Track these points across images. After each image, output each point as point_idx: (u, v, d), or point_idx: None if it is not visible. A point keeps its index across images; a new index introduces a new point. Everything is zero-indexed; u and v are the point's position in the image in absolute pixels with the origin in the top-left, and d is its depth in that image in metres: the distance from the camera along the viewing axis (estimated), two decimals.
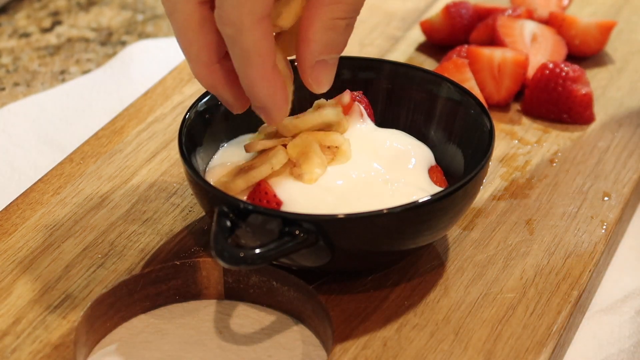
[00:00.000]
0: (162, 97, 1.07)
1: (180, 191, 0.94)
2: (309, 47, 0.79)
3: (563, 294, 0.84)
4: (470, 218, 0.91)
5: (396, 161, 0.87)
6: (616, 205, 0.94)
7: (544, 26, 1.13)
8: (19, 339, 0.80)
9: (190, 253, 0.87)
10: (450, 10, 1.14)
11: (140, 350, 0.83)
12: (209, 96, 0.90)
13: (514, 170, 0.98)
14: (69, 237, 0.89)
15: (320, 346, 0.84)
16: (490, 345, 0.80)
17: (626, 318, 0.88)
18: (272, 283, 0.86)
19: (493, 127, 0.86)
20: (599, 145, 1.01)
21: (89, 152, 0.99)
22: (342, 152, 0.86)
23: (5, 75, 1.23)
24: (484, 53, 1.06)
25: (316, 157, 0.84)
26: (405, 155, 0.87)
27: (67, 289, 0.84)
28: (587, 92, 1.04)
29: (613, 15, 1.21)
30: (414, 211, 0.79)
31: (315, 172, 0.84)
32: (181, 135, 0.86)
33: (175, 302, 0.87)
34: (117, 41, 1.30)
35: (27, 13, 1.36)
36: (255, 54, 0.76)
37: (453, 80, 0.92)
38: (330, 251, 0.79)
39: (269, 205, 0.82)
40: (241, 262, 0.76)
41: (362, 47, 1.15)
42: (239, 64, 0.77)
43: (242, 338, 0.84)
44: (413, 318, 0.82)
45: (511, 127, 1.04)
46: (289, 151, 0.85)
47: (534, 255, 0.88)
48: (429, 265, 0.87)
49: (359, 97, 0.91)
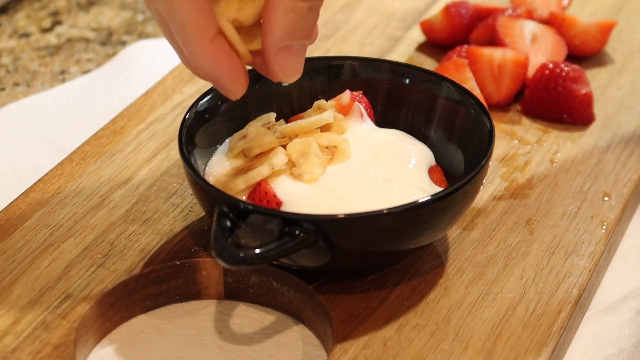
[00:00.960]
0: (162, 97, 1.07)
1: (180, 191, 0.94)
2: (271, 33, 0.77)
3: (563, 294, 0.84)
4: (470, 218, 0.91)
5: (396, 161, 0.87)
6: (616, 205, 0.94)
7: (544, 26, 1.13)
8: (19, 339, 0.80)
9: (190, 253, 0.87)
10: (450, 10, 1.14)
11: (140, 350, 0.83)
12: (209, 96, 0.90)
13: (514, 170, 0.98)
14: (69, 237, 0.89)
15: (320, 346, 0.83)
16: (490, 345, 0.80)
17: (626, 318, 0.88)
18: (272, 283, 0.86)
19: (493, 127, 0.86)
20: (599, 145, 1.01)
21: (89, 152, 0.99)
22: (340, 151, 0.86)
23: (5, 75, 1.23)
24: (484, 53, 1.06)
25: (316, 157, 0.84)
26: (405, 155, 0.87)
27: (67, 289, 0.84)
28: (587, 92, 1.04)
29: (613, 15, 1.21)
30: (414, 211, 0.79)
31: (315, 172, 0.84)
32: (181, 135, 0.86)
33: (175, 302, 0.87)
34: (117, 41, 1.30)
35: (27, 13, 1.35)
36: (191, 28, 0.75)
37: (453, 80, 0.92)
38: (330, 251, 0.79)
39: (269, 205, 0.82)
40: (241, 262, 0.76)
41: (362, 47, 1.15)
42: (179, 40, 0.76)
43: (242, 338, 0.84)
44: (413, 318, 0.82)
45: (511, 127, 1.04)
46: (289, 151, 0.85)
47: (534, 255, 0.88)
48: (429, 265, 0.87)
49: (359, 97, 0.91)
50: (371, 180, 0.85)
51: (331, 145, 0.86)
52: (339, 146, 0.86)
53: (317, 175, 0.84)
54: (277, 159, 0.84)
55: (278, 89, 0.91)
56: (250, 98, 0.92)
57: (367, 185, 0.84)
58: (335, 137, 0.86)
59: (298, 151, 0.85)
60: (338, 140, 0.86)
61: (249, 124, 0.88)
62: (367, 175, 0.85)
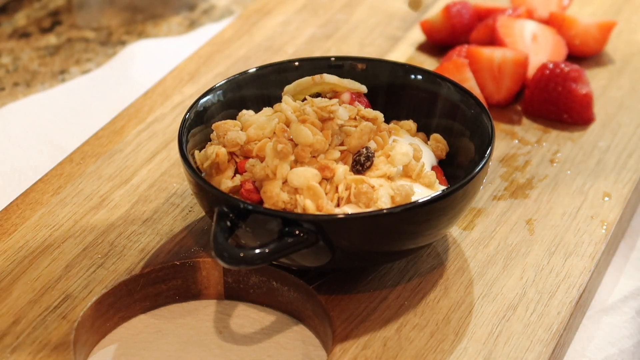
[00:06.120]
0: (162, 97, 1.07)
1: (180, 191, 0.94)
2: None
3: (563, 294, 0.84)
4: (470, 218, 0.91)
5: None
6: (616, 205, 0.94)
7: (544, 26, 1.13)
8: (19, 339, 0.80)
9: (190, 253, 0.87)
10: (450, 10, 1.14)
11: (140, 350, 0.83)
12: (209, 96, 0.90)
13: (514, 170, 0.98)
14: (69, 237, 0.89)
15: (320, 346, 0.84)
16: (490, 345, 0.80)
17: (626, 318, 0.88)
18: (272, 283, 0.86)
19: (493, 127, 0.86)
20: (599, 145, 1.01)
21: (89, 152, 0.99)
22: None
23: (5, 75, 1.23)
24: (484, 53, 1.06)
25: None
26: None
27: (67, 289, 0.84)
28: (587, 92, 1.04)
29: (613, 15, 1.21)
30: (414, 211, 0.79)
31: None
32: (181, 135, 0.86)
33: (175, 302, 0.87)
34: (117, 41, 1.30)
35: (27, 13, 1.35)
36: None
37: (453, 80, 0.92)
38: (330, 251, 0.79)
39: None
40: (241, 262, 0.76)
41: (362, 47, 1.15)
42: None
43: (242, 338, 0.84)
44: (413, 318, 0.82)
45: (511, 127, 1.04)
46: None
47: (534, 255, 0.88)
48: (429, 265, 0.87)
49: (359, 97, 0.91)
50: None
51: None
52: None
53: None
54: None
55: (278, 89, 0.91)
56: (249, 97, 0.92)
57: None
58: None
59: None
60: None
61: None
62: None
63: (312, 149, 0.82)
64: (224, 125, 0.86)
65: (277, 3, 1.23)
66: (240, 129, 0.86)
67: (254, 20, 1.21)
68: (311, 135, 0.82)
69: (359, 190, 0.81)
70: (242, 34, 1.18)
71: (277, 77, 0.93)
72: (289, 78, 0.91)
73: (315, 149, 0.82)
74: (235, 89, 0.91)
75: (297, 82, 0.89)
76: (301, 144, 0.82)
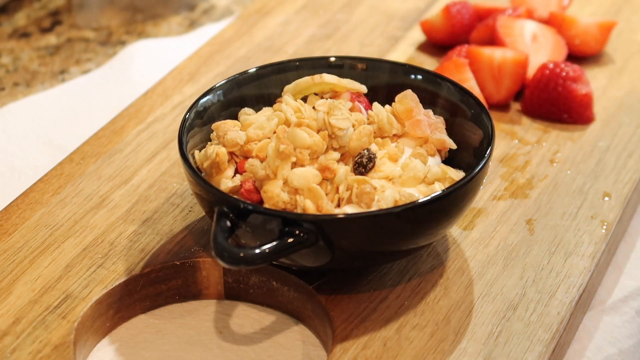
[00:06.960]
0: (162, 97, 1.07)
1: (180, 191, 0.94)
2: None
3: (563, 293, 0.84)
4: (470, 218, 0.91)
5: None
6: (616, 205, 0.94)
7: (544, 26, 1.13)
8: (19, 339, 0.80)
9: (190, 253, 0.87)
10: (450, 10, 1.14)
11: (140, 350, 0.83)
12: (209, 96, 0.90)
13: (514, 170, 0.98)
14: (69, 237, 0.89)
15: (320, 346, 0.84)
16: (490, 345, 0.80)
17: (626, 318, 0.88)
18: (272, 283, 0.86)
19: (493, 127, 0.86)
20: (599, 145, 1.01)
21: (89, 152, 0.99)
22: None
23: (5, 75, 1.23)
24: (484, 53, 1.06)
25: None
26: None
27: (67, 289, 0.84)
28: (587, 92, 1.04)
29: (613, 15, 1.21)
30: (414, 211, 0.79)
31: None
32: (181, 135, 0.86)
33: (175, 302, 0.87)
34: (117, 41, 1.30)
35: (27, 13, 1.35)
36: None
37: (453, 80, 0.92)
38: (330, 251, 0.79)
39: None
40: (241, 262, 0.76)
41: (362, 47, 1.15)
42: None
43: (242, 338, 0.84)
44: (413, 318, 0.82)
45: (511, 127, 1.04)
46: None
47: (534, 255, 0.88)
48: (429, 265, 0.87)
49: (359, 97, 0.91)
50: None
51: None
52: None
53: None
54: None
55: (278, 89, 0.91)
56: (249, 97, 0.92)
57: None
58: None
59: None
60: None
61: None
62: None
63: (310, 150, 0.82)
64: (224, 125, 0.86)
65: (277, 3, 1.23)
66: (239, 129, 0.86)
67: (254, 20, 1.21)
68: (308, 137, 0.82)
69: (362, 190, 0.81)
70: (242, 34, 1.18)
71: (277, 77, 0.93)
72: (289, 78, 0.91)
73: (313, 151, 0.82)
74: (235, 89, 0.91)
75: (297, 82, 0.89)
76: (299, 147, 0.82)
